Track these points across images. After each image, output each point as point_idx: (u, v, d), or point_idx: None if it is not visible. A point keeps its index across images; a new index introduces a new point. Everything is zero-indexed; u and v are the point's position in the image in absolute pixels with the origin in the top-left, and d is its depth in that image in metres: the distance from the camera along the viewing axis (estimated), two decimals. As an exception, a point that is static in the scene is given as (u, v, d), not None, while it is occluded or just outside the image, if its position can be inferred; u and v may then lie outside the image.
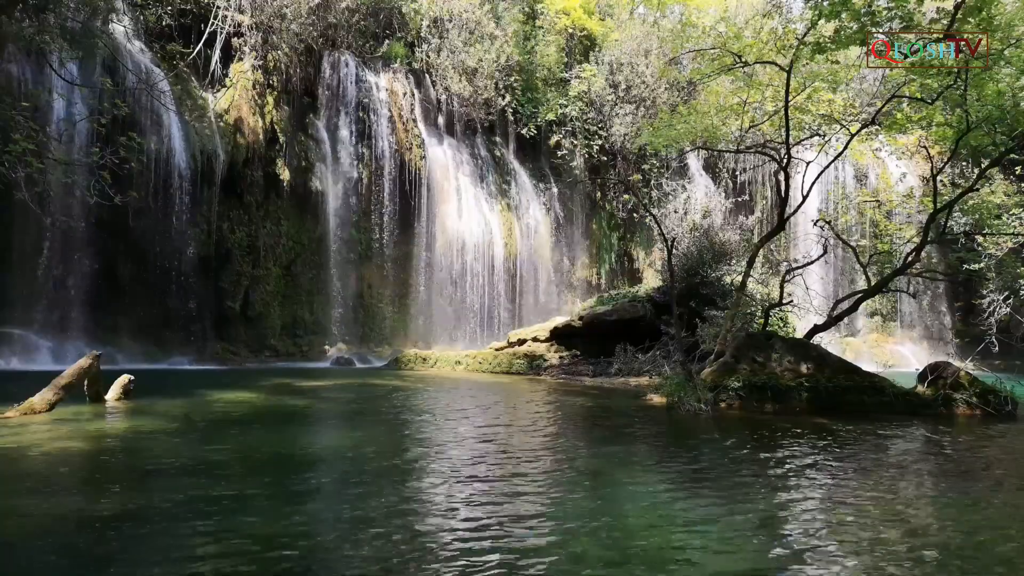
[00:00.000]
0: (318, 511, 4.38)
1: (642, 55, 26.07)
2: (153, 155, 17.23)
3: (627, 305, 17.54)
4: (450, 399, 11.34)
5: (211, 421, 8.05)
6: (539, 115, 25.57)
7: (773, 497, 4.90)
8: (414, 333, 22.52)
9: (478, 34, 24.27)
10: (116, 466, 5.60)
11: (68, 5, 14.05)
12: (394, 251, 22.44)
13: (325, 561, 3.47)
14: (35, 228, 15.79)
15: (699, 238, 18.11)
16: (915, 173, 25.53)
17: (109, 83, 15.05)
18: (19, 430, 6.73)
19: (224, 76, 19.84)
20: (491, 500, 4.60)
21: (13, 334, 15.44)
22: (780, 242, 25.27)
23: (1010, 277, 19.00)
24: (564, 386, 13.63)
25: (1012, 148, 11.81)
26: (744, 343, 11.00)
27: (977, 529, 4.27)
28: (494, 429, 8.01)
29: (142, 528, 3.92)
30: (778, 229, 13.85)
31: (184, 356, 17.60)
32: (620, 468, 5.91)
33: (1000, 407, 9.64)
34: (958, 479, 5.75)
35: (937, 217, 12.13)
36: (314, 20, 21.16)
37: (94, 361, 8.52)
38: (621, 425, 8.67)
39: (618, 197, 27.01)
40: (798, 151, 13.85)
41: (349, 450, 6.60)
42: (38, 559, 3.43)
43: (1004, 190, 19.09)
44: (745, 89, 13.55)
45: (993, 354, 21.24)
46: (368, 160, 21.89)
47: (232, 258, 19.29)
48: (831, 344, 20.44)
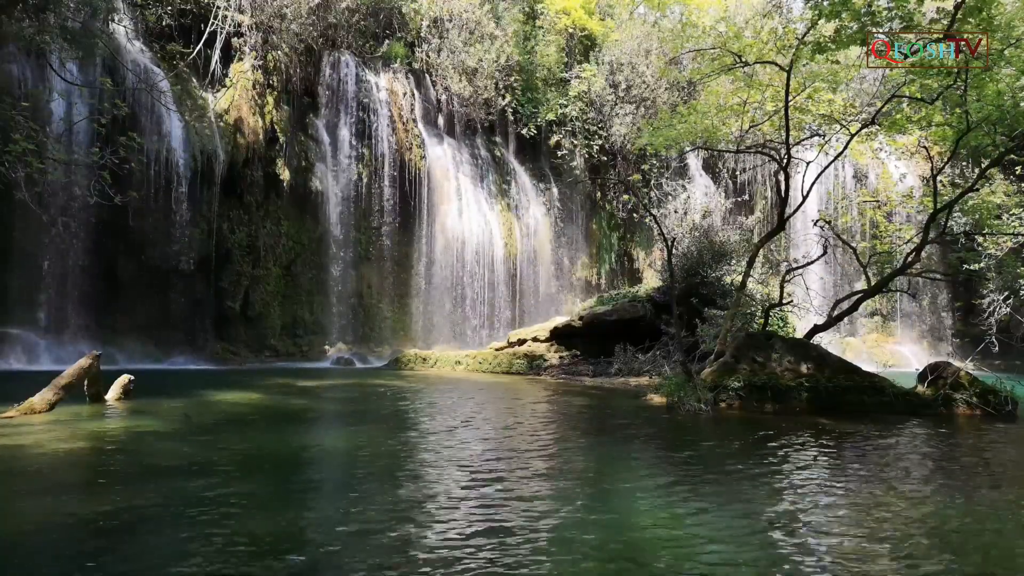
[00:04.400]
0: (318, 512, 4.38)
1: (642, 55, 26.07)
2: (153, 155, 17.24)
3: (627, 305, 17.55)
4: (450, 399, 11.34)
5: (211, 421, 8.04)
6: (539, 115, 25.57)
7: (773, 497, 4.90)
8: (414, 333, 22.52)
9: (478, 34, 24.27)
10: (116, 466, 5.60)
11: (68, 5, 14.04)
12: (394, 251, 22.45)
13: (324, 562, 3.46)
14: (35, 228, 15.80)
15: (699, 238, 18.11)
16: (915, 173, 25.53)
17: (109, 83, 15.05)
18: (19, 430, 6.73)
19: (224, 76, 19.84)
20: (491, 500, 4.60)
21: (13, 334, 15.44)
22: (780, 242, 25.26)
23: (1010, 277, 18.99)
24: (564, 386, 13.63)
25: (1012, 148, 11.81)
26: (744, 343, 10.99)
27: (977, 529, 4.27)
28: (494, 429, 8.01)
29: (141, 528, 3.92)
30: (778, 229, 13.85)
31: (184, 356, 17.60)
32: (620, 468, 5.91)
33: (1000, 407, 9.63)
34: (958, 479, 5.74)
35: (937, 217, 12.12)
36: (314, 20, 21.16)
37: (94, 361, 8.52)
38: (621, 425, 8.66)
39: (618, 197, 27.01)
40: (798, 151, 13.85)
41: (349, 450, 6.60)
42: (38, 559, 3.43)
43: (1004, 190, 19.08)
44: (745, 89, 13.55)
45: (993, 354, 21.23)
46: (368, 160, 21.90)
47: (232, 258, 19.29)
48: (831, 344, 20.44)
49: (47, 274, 16.34)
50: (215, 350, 18.47)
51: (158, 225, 17.54)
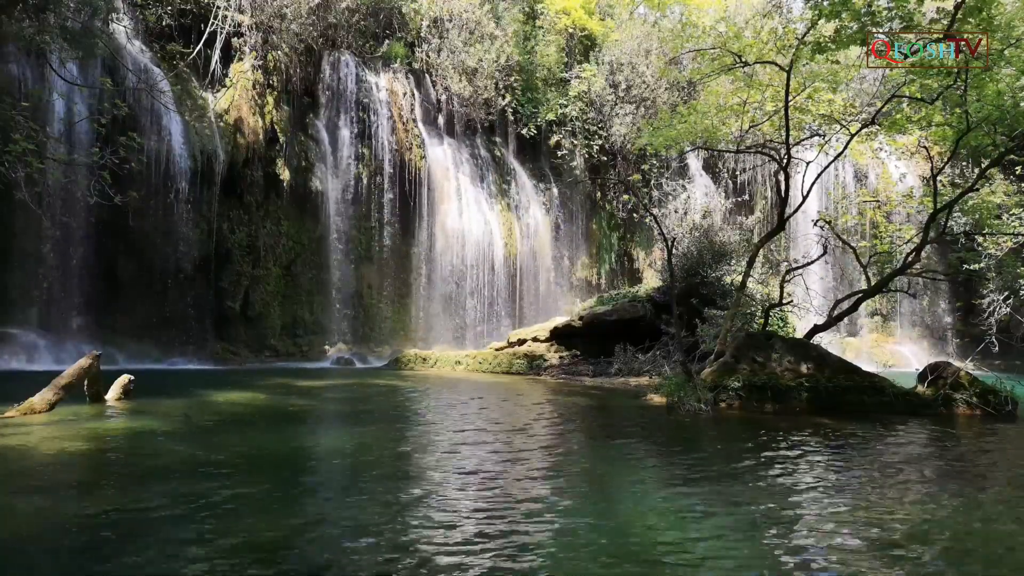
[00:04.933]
0: (317, 512, 4.37)
1: (642, 55, 26.07)
2: (153, 155, 17.23)
3: (627, 305, 17.55)
4: (450, 399, 11.34)
5: (211, 421, 8.04)
6: (539, 115, 25.56)
7: (773, 497, 4.90)
8: (414, 333, 22.52)
9: (478, 34, 24.27)
10: (116, 466, 5.60)
11: (68, 5, 14.04)
12: (394, 251, 22.45)
13: (325, 563, 3.46)
14: (35, 228, 15.79)
15: (699, 238, 18.10)
16: (915, 173, 25.53)
17: (109, 83, 15.04)
18: (19, 430, 6.72)
19: (224, 76, 19.83)
20: (490, 501, 4.60)
21: (13, 334, 15.44)
22: (780, 242, 25.27)
23: (1010, 277, 18.99)
24: (564, 386, 13.63)
25: (1012, 148, 11.81)
26: (744, 343, 10.99)
27: (977, 529, 4.27)
28: (494, 429, 8.01)
29: (141, 529, 3.91)
30: (778, 229, 13.86)
31: (184, 356, 17.60)
32: (620, 468, 5.91)
33: (1000, 407, 9.63)
34: (958, 479, 5.74)
35: (937, 217, 12.12)
36: (314, 20, 21.16)
37: (94, 361, 8.52)
38: (621, 425, 8.67)
39: (618, 197, 27.01)
40: (798, 151, 13.85)
41: (348, 451, 6.60)
42: (37, 559, 3.43)
43: (1004, 190, 19.07)
44: (745, 89, 13.55)
45: (993, 354, 21.23)
46: (368, 160, 21.90)
47: (232, 258, 19.29)
48: (831, 344, 20.44)
49: (47, 274, 16.34)
50: (215, 350, 18.47)
51: (158, 225, 17.54)
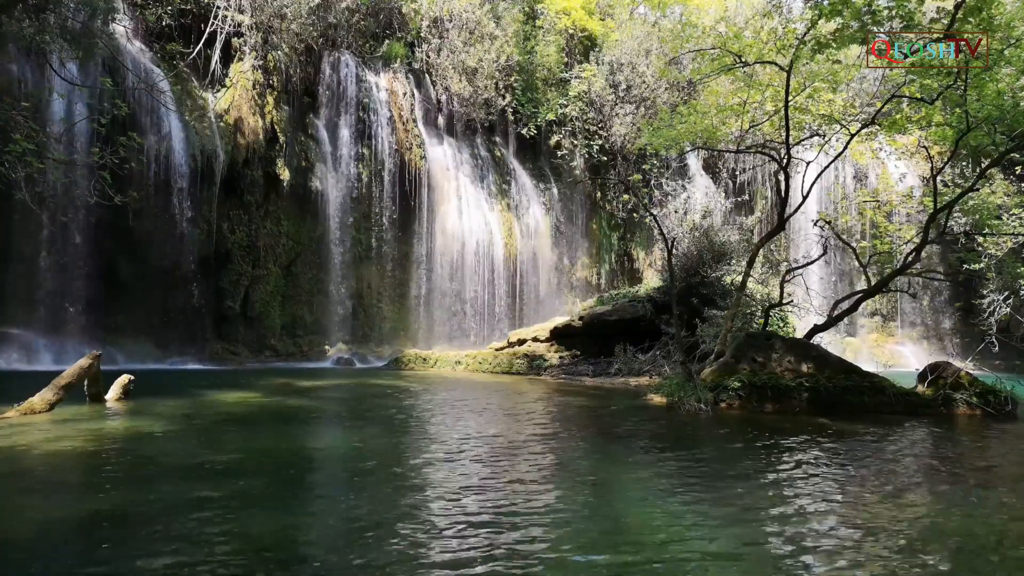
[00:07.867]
0: (318, 512, 4.37)
1: (642, 55, 26.07)
2: (153, 155, 17.25)
3: (627, 305, 17.55)
4: (450, 399, 11.34)
5: (211, 421, 8.05)
6: (539, 115, 25.57)
7: (773, 496, 4.89)
8: (414, 333, 22.52)
9: (478, 34, 24.28)
10: (115, 466, 5.59)
11: (68, 5, 14.04)
12: (394, 251, 22.45)
13: (325, 563, 3.46)
14: (35, 228, 15.80)
15: (699, 238, 18.07)
16: (915, 173, 25.54)
17: (109, 83, 15.06)
18: (19, 430, 6.73)
19: (224, 76, 19.84)
20: (490, 501, 4.60)
21: (13, 334, 15.44)
22: (780, 242, 25.28)
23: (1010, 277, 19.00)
24: (564, 386, 13.63)
25: (1012, 148, 11.80)
26: (744, 343, 10.99)
27: (978, 529, 4.26)
28: (494, 429, 8.00)
29: (141, 529, 3.92)
30: (778, 229, 13.85)
31: (184, 356, 17.61)
32: (620, 468, 5.90)
33: (1000, 407, 9.62)
34: (958, 479, 5.74)
35: (937, 217, 12.12)
36: (314, 20, 21.17)
37: (94, 361, 8.52)
38: (621, 425, 8.66)
39: (618, 197, 27.01)
40: (798, 151, 13.85)
41: (348, 451, 6.60)
42: (37, 559, 3.43)
43: (1004, 190, 19.08)
44: (745, 89, 13.54)
45: (993, 354, 21.22)
46: (368, 160, 21.90)
47: (232, 258, 19.30)
48: (831, 344, 20.44)
49: (47, 274, 16.35)
50: (215, 350, 18.48)
51: (158, 225, 17.54)
